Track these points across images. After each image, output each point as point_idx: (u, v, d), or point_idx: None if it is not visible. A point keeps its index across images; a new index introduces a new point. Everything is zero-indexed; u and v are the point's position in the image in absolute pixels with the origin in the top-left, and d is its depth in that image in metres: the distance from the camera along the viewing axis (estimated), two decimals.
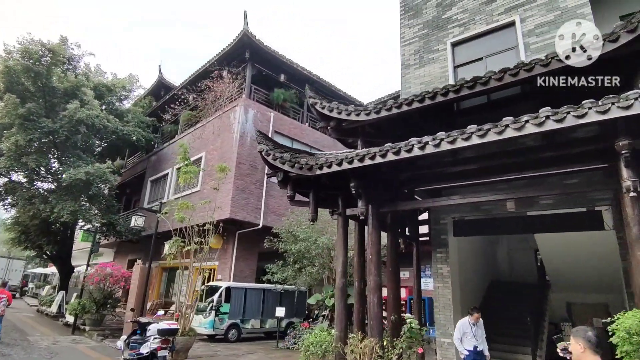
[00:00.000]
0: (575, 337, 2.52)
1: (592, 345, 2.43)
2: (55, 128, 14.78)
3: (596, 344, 2.45)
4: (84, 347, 10.36)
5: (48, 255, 20.16)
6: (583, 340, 2.46)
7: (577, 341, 2.49)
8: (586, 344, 2.44)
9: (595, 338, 2.46)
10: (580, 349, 2.46)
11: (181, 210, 10.00)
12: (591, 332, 2.50)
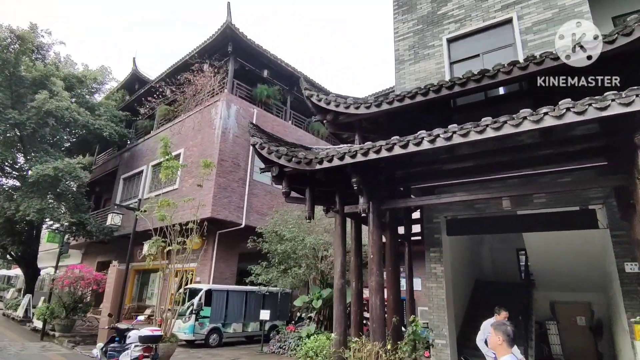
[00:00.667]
0: (496, 331, 2.85)
1: (509, 339, 2.77)
2: (22, 120, 13.71)
3: (512, 338, 2.80)
4: (54, 355, 9.56)
5: (13, 256, 18.78)
6: (503, 334, 2.79)
7: (497, 334, 2.82)
8: (504, 337, 2.77)
9: (512, 334, 2.80)
10: (498, 341, 2.80)
11: (161, 208, 9.39)
12: (510, 327, 2.84)
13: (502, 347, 2.82)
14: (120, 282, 8.78)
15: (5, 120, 13.66)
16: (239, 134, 14.97)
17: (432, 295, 8.55)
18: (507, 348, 2.80)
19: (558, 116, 4.28)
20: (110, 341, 7.27)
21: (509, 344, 2.80)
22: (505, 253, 13.77)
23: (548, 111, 4.34)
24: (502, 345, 2.81)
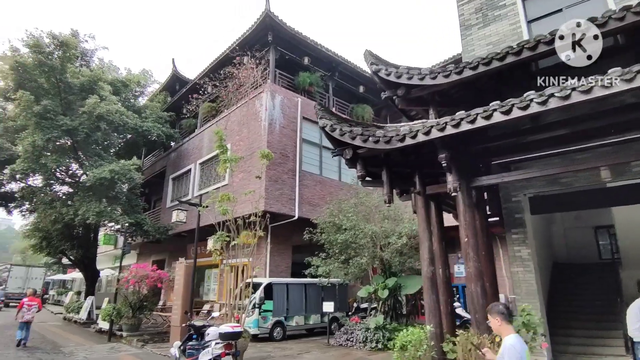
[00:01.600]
0: (491, 315, 2.89)
1: (505, 316, 2.83)
2: (75, 126, 14.01)
3: (507, 314, 2.85)
4: (125, 356, 9.65)
5: (72, 260, 19.58)
6: (498, 314, 2.84)
7: (494, 317, 2.86)
8: (501, 317, 2.82)
9: (505, 310, 2.87)
10: (497, 323, 2.84)
11: (222, 202, 9.18)
12: (501, 306, 2.91)
13: (503, 327, 2.85)
14: (189, 279, 8.67)
15: (58, 127, 14.00)
16: (285, 124, 14.63)
17: (519, 280, 7.81)
18: (508, 325, 2.86)
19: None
20: (187, 339, 7.11)
21: (506, 321, 2.85)
22: (581, 232, 12.66)
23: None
24: (502, 325, 2.85)
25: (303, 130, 15.17)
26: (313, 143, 15.62)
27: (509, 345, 2.78)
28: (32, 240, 19.50)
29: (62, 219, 15.22)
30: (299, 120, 15.03)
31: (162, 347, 10.58)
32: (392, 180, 6.30)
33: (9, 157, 15.49)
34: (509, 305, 3.23)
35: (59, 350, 10.20)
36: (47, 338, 12.51)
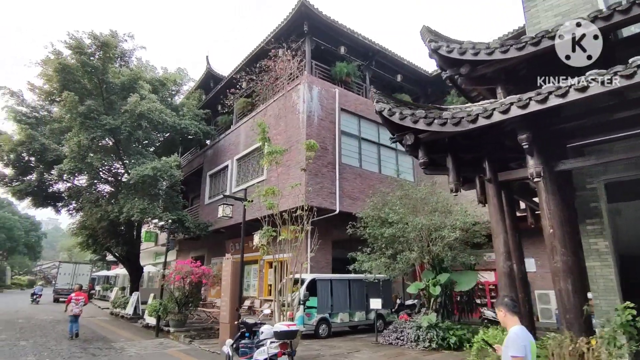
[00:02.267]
0: (497, 307, 3.03)
1: (509, 308, 2.94)
2: (117, 125, 14.24)
3: (513, 306, 2.96)
4: (174, 352, 9.61)
5: (117, 257, 20.13)
6: (503, 306, 2.96)
7: (499, 309, 2.99)
8: (505, 309, 2.94)
9: (511, 302, 2.98)
10: (502, 314, 2.97)
11: (267, 196, 8.92)
12: (507, 298, 3.03)
13: (507, 318, 2.90)
14: (236, 275, 8.48)
15: (101, 126, 14.27)
16: (323, 116, 14.23)
17: (596, 276, 7.00)
18: (513, 317, 2.89)
19: None
20: (240, 337, 6.88)
21: (512, 313, 2.88)
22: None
23: None
24: (507, 316, 2.90)
25: (341, 121, 14.71)
26: (352, 135, 15.14)
27: (513, 334, 2.84)
28: (79, 237, 20.19)
29: (107, 216, 15.57)
30: (337, 111, 14.59)
31: (209, 344, 10.50)
32: (458, 167, 5.74)
33: (55, 157, 16.00)
34: (514, 299, 3.28)
35: (110, 346, 10.33)
36: (97, 333, 12.79)
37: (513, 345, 2.78)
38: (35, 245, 50.23)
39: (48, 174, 17.80)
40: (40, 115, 18.20)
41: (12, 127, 17.21)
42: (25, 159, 17.39)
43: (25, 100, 18.09)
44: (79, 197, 17.97)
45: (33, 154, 16.32)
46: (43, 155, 16.10)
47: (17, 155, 16.61)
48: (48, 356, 8.71)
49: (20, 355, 8.67)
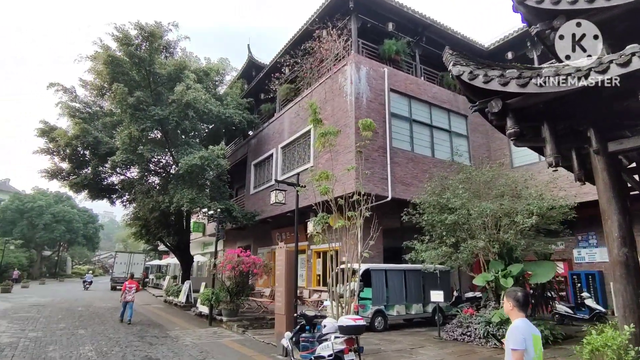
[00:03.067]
0: (507, 297, 2.98)
1: (519, 304, 2.88)
2: (165, 115, 14.29)
3: (522, 303, 2.89)
4: (229, 342, 9.40)
5: (168, 246, 20.60)
6: (512, 300, 2.91)
7: (508, 300, 2.95)
8: (514, 303, 2.89)
9: (522, 298, 2.89)
10: (510, 307, 2.93)
11: (321, 181, 8.37)
12: (520, 293, 2.94)
13: (513, 312, 2.91)
14: (291, 264, 8.06)
15: (150, 117, 14.38)
16: (372, 97, 13.43)
17: None
18: (519, 312, 2.88)
19: None
20: (299, 330, 6.42)
21: (519, 309, 2.88)
22: None
23: None
24: (514, 310, 2.90)
25: (391, 103, 13.84)
26: (402, 117, 14.23)
27: (513, 327, 2.83)
28: (133, 228, 20.85)
29: (158, 207, 15.80)
30: (387, 92, 13.72)
31: (263, 334, 10.23)
32: (557, 137, 4.82)
33: (108, 150, 16.42)
34: (528, 294, 3.11)
35: (166, 334, 10.33)
36: (153, 321, 12.98)
37: (512, 338, 2.76)
38: (93, 237, 53.39)
39: (102, 166, 18.40)
40: (92, 111, 18.81)
41: (66, 123, 17.90)
42: (80, 153, 18.06)
43: (78, 96, 18.73)
44: (132, 189, 18.48)
45: (87, 148, 16.86)
46: (97, 148, 16.58)
47: (73, 149, 17.24)
48: (106, 345, 8.76)
49: (79, 344, 8.77)
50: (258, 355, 7.89)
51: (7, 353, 7.68)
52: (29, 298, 20.88)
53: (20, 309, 15.79)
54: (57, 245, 49.43)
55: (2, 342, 8.70)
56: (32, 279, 39.67)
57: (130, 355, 7.74)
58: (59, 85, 17.80)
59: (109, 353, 7.91)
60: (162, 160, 18.65)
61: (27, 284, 32.70)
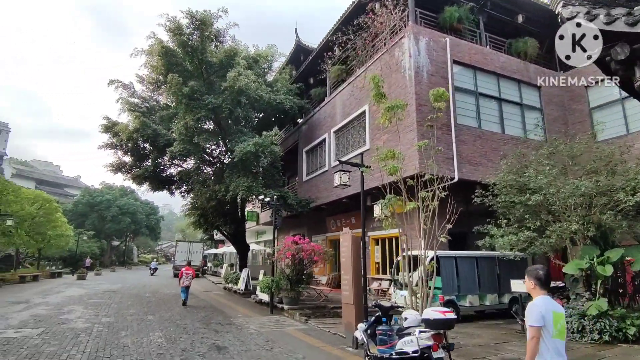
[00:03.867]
0: (528, 276, 2.97)
1: (540, 282, 2.88)
2: (219, 103, 14.24)
3: (544, 282, 2.88)
4: (293, 331, 9.09)
5: (225, 235, 20.95)
6: (534, 279, 2.90)
7: (529, 279, 2.95)
8: (536, 282, 2.89)
9: (544, 276, 2.89)
10: (531, 286, 2.93)
11: (387, 161, 7.67)
12: (542, 271, 2.91)
13: (535, 290, 2.90)
14: (358, 251, 7.49)
15: (204, 106, 14.40)
16: (433, 71, 12.37)
17: None
18: (540, 290, 2.87)
19: None
20: (375, 322, 5.83)
21: (541, 287, 2.87)
22: None
23: None
24: (535, 288, 2.89)
25: (454, 76, 12.68)
26: (467, 90, 13.02)
27: (531, 305, 2.82)
28: (192, 218, 21.40)
29: (215, 196, 15.93)
30: (449, 64, 12.57)
31: (326, 323, 9.84)
32: None
33: (166, 142, 16.78)
34: (549, 273, 2.94)
35: (230, 322, 10.27)
36: (216, 308, 13.11)
37: (531, 315, 2.78)
38: (155, 227, 56.73)
39: (161, 158, 18.97)
40: (150, 105, 19.41)
41: (126, 118, 18.57)
42: (141, 146, 18.72)
43: (136, 92, 19.40)
44: (189, 179, 18.89)
45: (147, 140, 17.36)
46: (155, 140, 17.02)
47: (134, 142, 17.87)
48: (174, 332, 8.78)
49: (148, 330, 8.88)
50: (326, 346, 7.47)
51: (82, 338, 7.89)
52: (102, 285, 22.31)
53: (94, 295, 16.77)
54: (124, 235, 53.06)
55: (78, 328, 9.02)
56: (104, 266, 42.87)
57: (198, 342, 7.64)
58: (118, 82, 18.50)
59: (178, 340, 7.87)
60: (215, 150, 18.88)
61: (100, 272, 35.34)
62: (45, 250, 29.03)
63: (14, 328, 8.81)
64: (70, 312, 11.40)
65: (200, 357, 6.58)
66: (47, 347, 7.10)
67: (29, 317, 10.33)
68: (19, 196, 22.88)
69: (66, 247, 32.22)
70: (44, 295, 16.09)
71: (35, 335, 8.10)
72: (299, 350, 7.11)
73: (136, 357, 6.56)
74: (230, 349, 7.20)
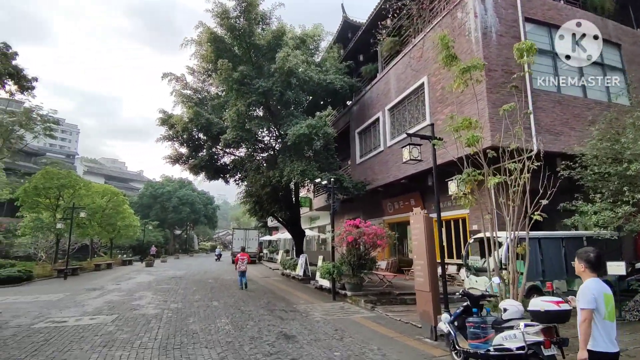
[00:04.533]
0: (578, 258, 3.00)
1: (590, 265, 2.90)
2: (269, 86, 13.90)
3: (595, 264, 2.89)
4: (361, 319, 8.60)
5: (281, 221, 20.93)
6: (584, 261, 2.92)
7: (580, 262, 2.97)
8: (586, 265, 2.91)
9: (595, 259, 2.89)
10: (581, 268, 2.96)
11: (462, 130, 6.79)
12: (592, 254, 2.92)
13: (585, 273, 2.93)
14: (431, 233, 6.75)
15: (255, 90, 14.15)
16: (502, 31, 11.03)
17: None
18: (591, 273, 2.90)
19: None
20: (465, 312, 5.13)
21: (591, 270, 2.89)
22: None
23: None
24: (585, 271, 2.92)
25: (527, 35, 11.22)
26: (543, 51, 11.49)
27: (583, 287, 2.85)
28: (247, 205, 21.63)
29: (269, 182, 15.79)
30: (521, 22, 11.15)
31: (394, 311, 9.25)
32: None
33: (219, 130, 16.83)
34: (601, 255, 2.91)
35: (293, 308, 10.01)
36: (276, 294, 13.00)
37: (582, 298, 2.79)
38: (212, 216, 59.18)
39: (215, 148, 19.20)
40: (201, 96, 19.63)
41: (180, 110, 18.92)
42: (196, 137, 19.03)
43: (188, 84, 19.68)
44: (242, 167, 18.96)
45: (201, 130, 17.56)
46: (209, 129, 17.14)
47: (189, 133, 18.18)
48: (240, 318, 8.65)
49: (215, 317, 8.82)
50: (401, 337, 6.87)
51: (153, 325, 7.96)
52: (167, 271, 23.39)
53: (162, 281, 17.49)
54: (184, 224, 55.90)
55: (149, 314, 9.20)
56: (169, 254, 45.45)
57: (266, 330, 7.39)
58: (171, 74, 18.85)
59: (245, 327, 7.69)
60: (266, 137, 18.74)
61: (166, 259, 37.46)
62: (116, 239, 31.09)
63: (90, 315, 9.16)
64: (141, 298, 11.80)
65: (269, 346, 6.28)
66: (120, 334, 7.19)
67: (103, 304, 10.79)
68: (90, 190, 24.49)
69: (134, 237, 34.32)
70: (116, 282, 17.03)
71: (109, 321, 8.32)
72: (371, 341, 6.59)
73: (205, 344, 6.41)
74: (298, 337, 6.85)
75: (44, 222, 21.71)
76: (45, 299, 11.95)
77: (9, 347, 6.25)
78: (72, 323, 8.19)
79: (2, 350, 6.05)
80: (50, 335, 7.06)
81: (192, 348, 6.20)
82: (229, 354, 5.83)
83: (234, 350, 6.04)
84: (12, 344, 6.51)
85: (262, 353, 5.87)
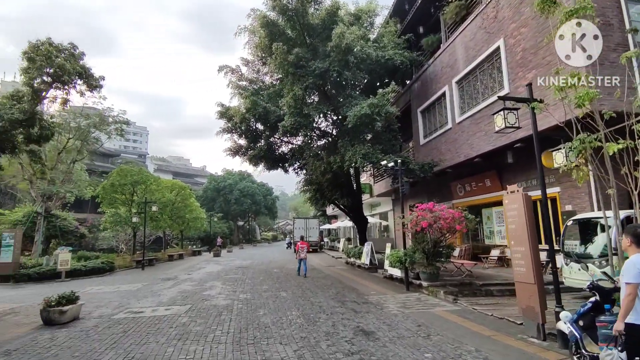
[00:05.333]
0: (625, 233, 3.06)
1: (637, 240, 2.95)
2: (326, 67, 13.23)
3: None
4: (444, 313, 7.75)
5: (342, 209, 20.38)
6: (631, 236, 2.98)
7: (627, 236, 3.04)
8: (632, 239, 2.98)
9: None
10: (627, 243, 3.02)
11: (568, 90, 5.59)
12: (639, 229, 2.98)
13: (631, 248, 2.98)
14: (531, 215, 5.67)
15: (311, 72, 13.62)
16: None
17: None
18: (637, 248, 2.93)
19: None
20: (594, 310, 4.12)
21: (637, 244, 2.92)
22: None
23: None
24: (632, 246, 2.97)
25: None
26: None
27: (629, 262, 2.90)
28: (308, 194, 21.33)
29: (330, 168, 15.23)
30: None
31: (481, 304, 8.26)
32: None
33: (277, 118, 16.55)
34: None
35: (365, 300, 9.40)
36: (344, 284, 12.48)
37: (627, 272, 2.83)
38: (272, 207, 60.53)
39: (273, 137, 19.05)
40: (257, 87, 19.50)
41: (237, 102, 18.95)
42: (253, 128, 19.01)
43: (243, 75, 19.64)
44: (301, 155, 18.61)
45: (258, 119, 17.42)
46: (266, 118, 16.94)
47: (247, 124, 18.17)
48: (311, 311, 8.22)
49: (285, 309, 8.48)
50: (499, 335, 5.95)
51: (224, 317, 7.78)
52: (234, 261, 24.00)
53: (230, 270, 17.82)
54: (246, 216, 57.77)
55: (220, 305, 9.11)
56: (233, 244, 47.21)
57: (341, 325, 6.84)
58: (227, 67, 18.90)
59: (317, 321, 7.21)
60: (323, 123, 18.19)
61: (231, 249, 38.85)
62: (185, 231, 32.71)
63: (165, 305, 9.28)
64: (212, 288, 11.91)
65: (348, 343, 5.71)
66: (193, 326, 7.06)
67: (177, 294, 11.00)
68: (160, 185, 25.81)
69: (202, 228, 35.91)
70: (188, 272, 17.65)
71: (183, 312, 8.31)
72: (464, 339, 5.75)
73: (279, 340, 6.01)
74: (378, 334, 6.20)
75: (122, 216, 23.22)
76: (125, 288, 12.53)
77: (90, 339, 6.33)
78: (148, 314, 8.30)
79: (84, 342, 6.13)
80: (128, 327, 7.12)
81: (265, 344, 5.83)
82: (306, 352, 5.35)
83: (310, 348, 5.55)
84: (93, 335, 6.62)
85: (341, 352, 5.30)
